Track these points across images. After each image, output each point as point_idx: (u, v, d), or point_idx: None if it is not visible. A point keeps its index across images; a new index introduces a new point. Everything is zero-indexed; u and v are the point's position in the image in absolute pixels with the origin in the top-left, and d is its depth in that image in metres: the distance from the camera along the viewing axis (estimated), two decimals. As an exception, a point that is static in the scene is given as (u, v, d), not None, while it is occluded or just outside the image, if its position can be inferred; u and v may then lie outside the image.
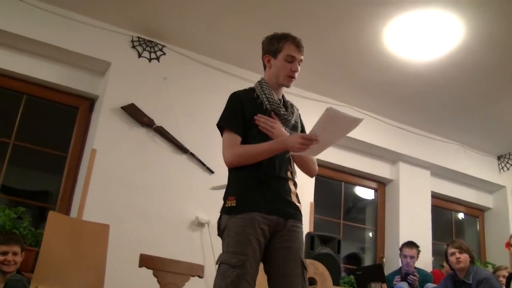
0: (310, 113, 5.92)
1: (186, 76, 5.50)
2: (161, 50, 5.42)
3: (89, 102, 5.39)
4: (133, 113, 5.07)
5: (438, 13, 4.67)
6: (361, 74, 5.77)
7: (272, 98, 2.90)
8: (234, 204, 2.70)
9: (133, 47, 5.33)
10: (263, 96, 2.91)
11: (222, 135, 2.90)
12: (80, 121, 5.32)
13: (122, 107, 5.04)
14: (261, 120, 2.78)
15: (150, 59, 5.36)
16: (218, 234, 2.78)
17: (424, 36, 5.01)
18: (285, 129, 2.86)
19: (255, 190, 2.72)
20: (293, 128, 2.94)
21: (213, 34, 5.32)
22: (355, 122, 2.65)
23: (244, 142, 2.80)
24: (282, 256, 2.71)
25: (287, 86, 2.99)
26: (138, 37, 5.36)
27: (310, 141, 2.56)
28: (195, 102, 5.45)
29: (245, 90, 3.01)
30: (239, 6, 4.86)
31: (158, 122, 5.16)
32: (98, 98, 5.31)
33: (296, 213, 2.78)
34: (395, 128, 6.73)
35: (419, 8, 4.63)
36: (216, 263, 2.66)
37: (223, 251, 2.67)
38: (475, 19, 4.70)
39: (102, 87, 5.28)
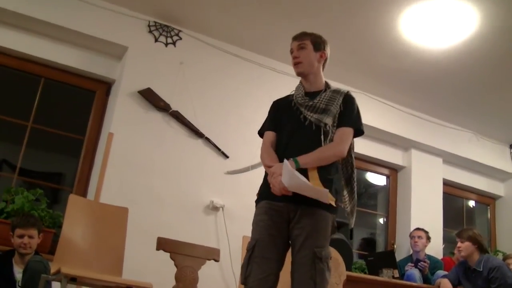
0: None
1: (202, 61, 5.52)
2: (177, 35, 5.45)
3: (106, 86, 5.44)
4: (150, 97, 5.11)
5: (454, 1, 4.66)
6: (376, 61, 5.78)
7: (298, 94, 3.09)
8: (256, 197, 2.98)
9: (150, 31, 5.35)
10: (294, 93, 3.13)
11: None
12: (97, 104, 5.37)
13: (138, 91, 5.08)
14: None
15: (166, 44, 5.39)
16: None
17: (439, 24, 5.01)
18: (312, 115, 2.95)
19: (265, 180, 2.91)
20: (323, 111, 2.96)
21: (229, 20, 5.34)
22: (319, 192, 2.70)
23: (280, 135, 3.07)
24: (293, 244, 2.81)
25: (298, 74, 3.16)
26: (155, 22, 5.38)
27: (279, 188, 2.71)
28: (211, 87, 5.48)
29: (286, 96, 3.24)
30: (256, -8, 4.88)
31: (174, 107, 5.19)
32: (115, 82, 5.35)
33: (310, 198, 2.75)
34: (408, 115, 6.74)
35: (436, -5, 4.64)
36: None
37: None
38: (490, 7, 4.69)
39: (119, 71, 5.32)
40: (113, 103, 5.14)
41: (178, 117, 5.19)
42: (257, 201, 2.96)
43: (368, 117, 6.31)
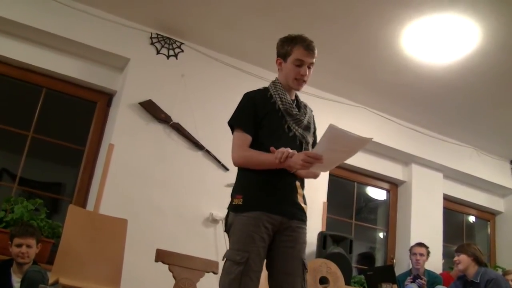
0: (325, 113, 6.00)
1: (204, 74, 5.54)
2: (179, 47, 5.47)
3: (107, 97, 5.45)
4: (151, 109, 5.12)
5: (456, 17, 4.68)
6: (377, 75, 5.80)
7: (285, 98, 2.93)
8: (240, 203, 2.76)
9: (152, 43, 5.37)
10: (277, 96, 2.93)
11: (232, 133, 2.93)
12: (98, 115, 5.38)
13: (140, 103, 5.09)
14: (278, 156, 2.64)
15: (168, 56, 5.41)
16: (225, 230, 2.85)
17: (441, 40, 5.02)
18: (297, 129, 2.89)
19: (261, 189, 2.76)
20: (306, 128, 2.95)
21: (231, 33, 5.36)
22: (362, 141, 2.56)
23: (255, 141, 2.84)
24: (284, 255, 2.76)
25: (297, 90, 3.01)
26: (157, 34, 5.40)
27: (313, 160, 2.52)
28: (212, 99, 5.49)
29: (258, 90, 3.04)
30: (258, 6, 4.89)
31: (175, 119, 5.20)
32: (116, 94, 5.37)
33: (300, 214, 2.82)
34: (409, 130, 6.75)
35: (437, 12, 4.64)
36: (222, 259, 2.72)
37: (228, 248, 2.74)
38: (492, 24, 4.71)
39: (120, 83, 5.33)
40: (114, 114, 5.15)
41: (178, 129, 5.20)
42: (245, 207, 2.73)
43: (368, 131, 6.37)
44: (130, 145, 4.97)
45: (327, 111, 6.08)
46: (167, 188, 5.02)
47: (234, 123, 2.94)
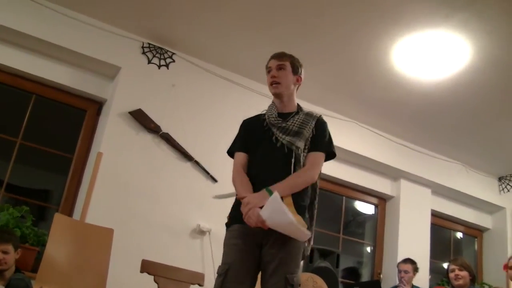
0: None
1: (194, 84, 5.54)
2: (170, 57, 5.47)
3: (97, 106, 5.43)
4: (140, 118, 5.11)
5: (447, 34, 4.71)
6: (368, 90, 5.82)
7: (270, 113, 3.06)
8: (227, 220, 2.94)
9: (143, 53, 5.37)
10: (267, 113, 3.08)
11: None
12: (87, 123, 5.36)
13: (129, 112, 5.08)
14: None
15: (159, 66, 5.40)
16: None
17: (431, 56, 5.06)
18: (284, 138, 2.94)
19: (239, 205, 2.80)
20: (296, 134, 2.95)
21: (223, 44, 5.37)
22: (298, 229, 2.64)
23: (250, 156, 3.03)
24: (264, 270, 2.78)
25: (274, 94, 3.10)
26: (149, 44, 5.40)
27: (256, 220, 2.63)
28: (202, 110, 5.49)
29: (256, 115, 3.20)
30: (250, 19, 4.91)
31: (164, 129, 5.19)
32: (106, 102, 5.35)
33: None
34: (398, 145, 6.77)
35: (428, 28, 4.68)
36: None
37: None
38: (483, 41, 4.75)
39: (110, 91, 5.32)
40: (104, 123, 5.13)
41: (168, 139, 5.18)
42: (228, 224, 2.92)
43: (358, 145, 6.40)
44: (119, 154, 4.95)
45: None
46: (154, 198, 5.00)
47: (230, 149, 3.18)
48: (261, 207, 2.64)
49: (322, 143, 3.03)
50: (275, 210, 2.58)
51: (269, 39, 5.06)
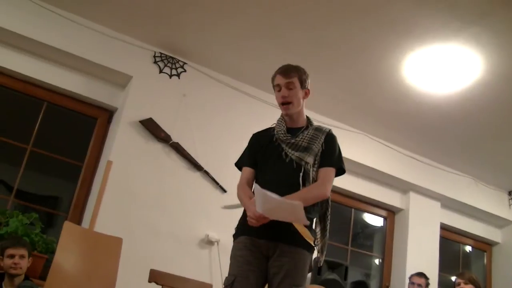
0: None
1: (205, 94, 5.55)
2: (182, 67, 5.48)
3: (107, 114, 5.45)
4: (151, 127, 5.12)
5: (458, 48, 4.71)
6: (378, 103, 5.81)
7: (279, 129, 3.05)
8: (234, 232, 2.97)
9: (155, 62, 5.39)
10: (276, 128, 3.08)
11: None
12: (98, 132, 5.38)
13: (140, 121, 5.09)
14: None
15: (170, 75, 5.42)
16: None
17: (442, 70, 5.05)
18: (293, 153, 2.94)
19: (246, 216, 2.83)
20: (305, 149, 2.95)
21: (234, 55, 5.38)
22: (292, 205, 2.64)
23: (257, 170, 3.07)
24: (270, 282, 2.79)
25: (286, 114, 3.08)
26: (160, 53, 5.42)
27: (257, 218, 2.69)
28: (213, 120, 5.49)
29: (266, 129, 3.21)
30: (262, 30, 4.93)
31: (174, 138, 5.20)
32: (117, 111, 5.38)
33: (291, 236, 2.79)
34: (408, 158, 6.74)
35: (440, 42, 4.67)
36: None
37: None
38: (494, 55, 4.74)
39: (121, 100, 5.34)
40: (114, 131, 5.15)
41: (178, 149, 5.19)
42: (235, 236, 2.95)
43: (367, 158, 6.38)
44: (129, 163, 4.96)
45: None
46: (163, 208, 5.00)
47: (237, 164, 3.23)
48: None
49: (332, 158, 3.02)
50: (264, 199, 2.61)
51: (280, 50, 5.07)
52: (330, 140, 3.06)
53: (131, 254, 4.45)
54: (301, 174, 2.88)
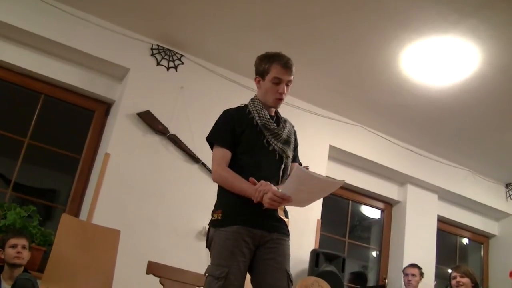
0: (323, 130, 6.01)
1: (203, 87, 5.55)
2: (179, 59, 5.48)
3: (105, 106, 5.45)
4: (148, 120, 5.12)
5: (455, 40, 4.71)
6: (375, 95, 5.81)
7: (262, 114, 2.94)
8: (220, 218, 2.78)
9: (152, 54, 5.38)
10: (255, 112, 2.95)
11: (212, 149, 2.98)
12: (95, 124, 5.38)
13: (137, 114, 5.09)
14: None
15: (168, 68, 5.42)
16: (207, 246, 2.86)
17: (440, 62, 5.05)
18: (276, 143, 2.89)
19: (241, 204, 2.74)
20: (285, 142, 2.95)
21: (232, 47, 5.38)
22: (333, 184, 2.61)
23: (235, 156, 2.87)
24: (266, 267, 2.75)
25: (275, 107, 3.03)
26: (158, 45, 5.41)
27: (281, 200, 2.54)
28: (210, 112, 5.43)
29: (238, 107, 3.07)
30: (260, 23, 4.92)
31: (172, 131, 5.20)
32: (115, 103, 5.37)
33: (282, 227, 2.82)
34: (405, 150, 6.76)
35: (437, 34, 4.67)
36: (204, 275, 2.72)
37: (210, 263, 2.74)
38: (491, 48, 4.74)
39: (119, 93, 5.34)
40: (112, 124, 5.15)
41: (175, 141, 5.19)
42: (223, 223, 2.75)
43: (365, 150, 6.39)
44: (126, 155, 4.96)
45: (325, 129, 6.10)
46: (161, 200, 5.01)
47: (212, 139, 3.00)
48: None
49: (298, 155, 3.11)
50: (304, 180, 2.49)
51: (277, 43, 5.04)
52: (296, 135, 3.13)
53: (128, 246, 4.46)
54: (282, 166, 2.89)
